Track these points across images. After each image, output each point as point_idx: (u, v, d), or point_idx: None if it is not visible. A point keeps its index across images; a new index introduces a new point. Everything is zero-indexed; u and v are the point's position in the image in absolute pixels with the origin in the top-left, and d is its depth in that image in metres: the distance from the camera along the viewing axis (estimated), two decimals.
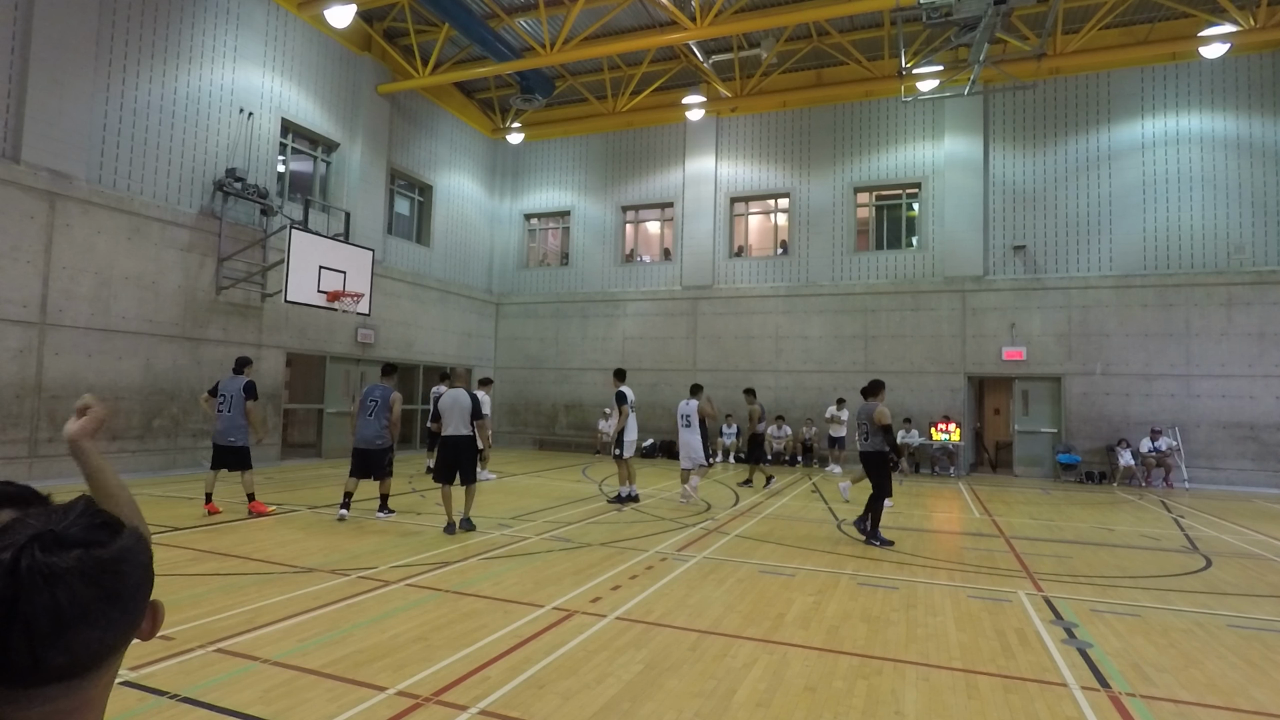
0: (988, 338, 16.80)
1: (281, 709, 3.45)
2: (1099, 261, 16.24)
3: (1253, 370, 14.91)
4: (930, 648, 4.62)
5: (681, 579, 6.24)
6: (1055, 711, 3.68)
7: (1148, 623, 5.32)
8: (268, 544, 7.09)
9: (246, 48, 14.12)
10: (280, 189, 15.23)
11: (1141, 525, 10.07)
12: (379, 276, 16.24)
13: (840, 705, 3.69)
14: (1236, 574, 7.08)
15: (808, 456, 17.44)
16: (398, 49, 17.70)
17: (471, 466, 8.15)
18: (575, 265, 21.36)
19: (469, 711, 3.48)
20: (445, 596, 5.46)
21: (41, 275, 10.71)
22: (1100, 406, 15.85)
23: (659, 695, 3.74)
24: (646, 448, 18.88)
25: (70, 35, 11.07)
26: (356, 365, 16.65)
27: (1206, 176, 15.63)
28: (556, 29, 16.55)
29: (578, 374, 20.74)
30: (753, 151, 19.46)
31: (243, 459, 8.70)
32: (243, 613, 4.89)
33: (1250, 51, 15.39)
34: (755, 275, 19.21)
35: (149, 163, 12.36)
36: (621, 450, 10.30)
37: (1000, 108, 17.21)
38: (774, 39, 17.13)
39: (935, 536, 8.83)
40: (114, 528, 0.74)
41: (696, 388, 11.26)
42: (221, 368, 13.38)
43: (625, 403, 10.19)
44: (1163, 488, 14.76)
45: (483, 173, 21.86)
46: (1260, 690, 4.07)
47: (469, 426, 8.06)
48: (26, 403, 10.51)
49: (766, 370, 18.58)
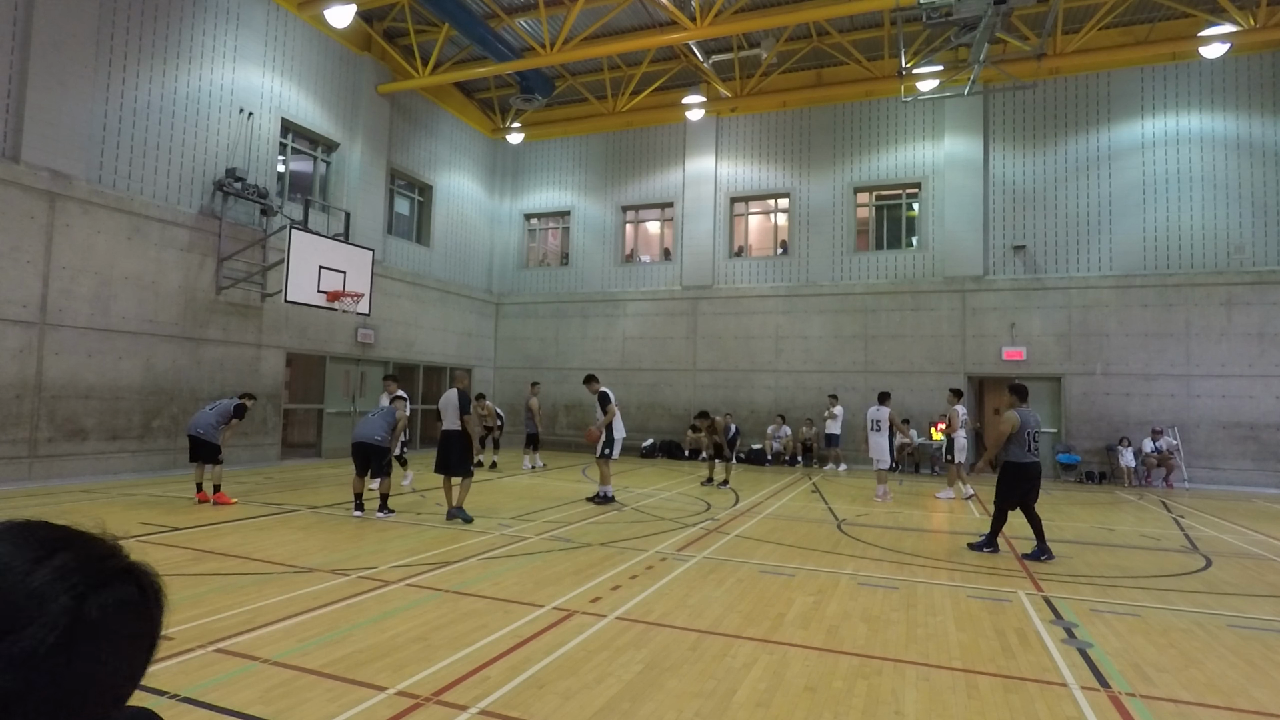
0: (988, 338, 16.80)
1: (281, 709, 3.45)
2: (1099, 261, 16.24)
3: (1253, 370, 14.90)
4: (930, 648, 4.62)
5: (681, 579, 6.23)
6: (1055, 711, 3.68)
7: (1148, 623, 5.32)
8: (268, 544, 7.09)
9: (246, 48, 14.12)
10: (280, 189, 15.23)
11: (1141, 525, 10.07)
12: (379, 276, 16.24)
13: (840, 705, 3.69)
14: (1236, 574, 7.08)
15: (808, 456, 17.44)
16: (398, 49, 17.70)
17: (462, 460, 8.63)
18: (575, 265, 21.36)
19: (469, 711, 3.48)
20: (445, 596, 5.46)
21: (41, 275, 10.71)
22: (1100, 406, 15.84)
23: (659, 695, 3.74)
24: (646, 447, 18.88)
25: (70, 35, 11.06)
26: (356, 365, 16.64)
27: (1206, 176, 15.63)
28: (556, 29, 16.55)
29: (578, 374, 20.67)
30: (753, 151, 19.46)
31: (212, 453, 9.13)
32: (243, 613, 4.89)
33: (1250, 51, 15.39)
34: (755, 275, 19.21)
35: (149, 163, 12.35)
36: (612, 450, 10.37)
37: (1000, 108, 17.21)
38: (774, 39, 17.13)
39: (935, 536, 8.82)
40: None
41: (885, 395, 11.98)
42: (221, 368, 13.41)
43: (610, 403, 10.26)
44: (1163, 488, 14.76)
45: (483, 173, 21.86)
46: (1260, 690, 4.07)
47: (458, 423, 8.63)
48: (26, 403, 10.50)
49: (766, 370, 18.58)
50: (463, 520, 8.49)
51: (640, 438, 19.02)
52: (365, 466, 8.75)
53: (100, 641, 0.58)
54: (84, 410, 11.23)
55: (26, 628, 0.55)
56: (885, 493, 11.67)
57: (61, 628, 0.56)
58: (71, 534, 0.63)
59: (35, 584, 0.57)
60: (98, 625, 0.58)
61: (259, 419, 13.91)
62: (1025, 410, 7.58)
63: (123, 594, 0.61)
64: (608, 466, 10.50)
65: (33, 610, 0.55)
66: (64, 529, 0.63)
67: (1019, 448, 7.44)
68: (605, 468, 10.48)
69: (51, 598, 0.56)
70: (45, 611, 0.56)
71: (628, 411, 19.02)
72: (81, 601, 0.57)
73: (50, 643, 0.55)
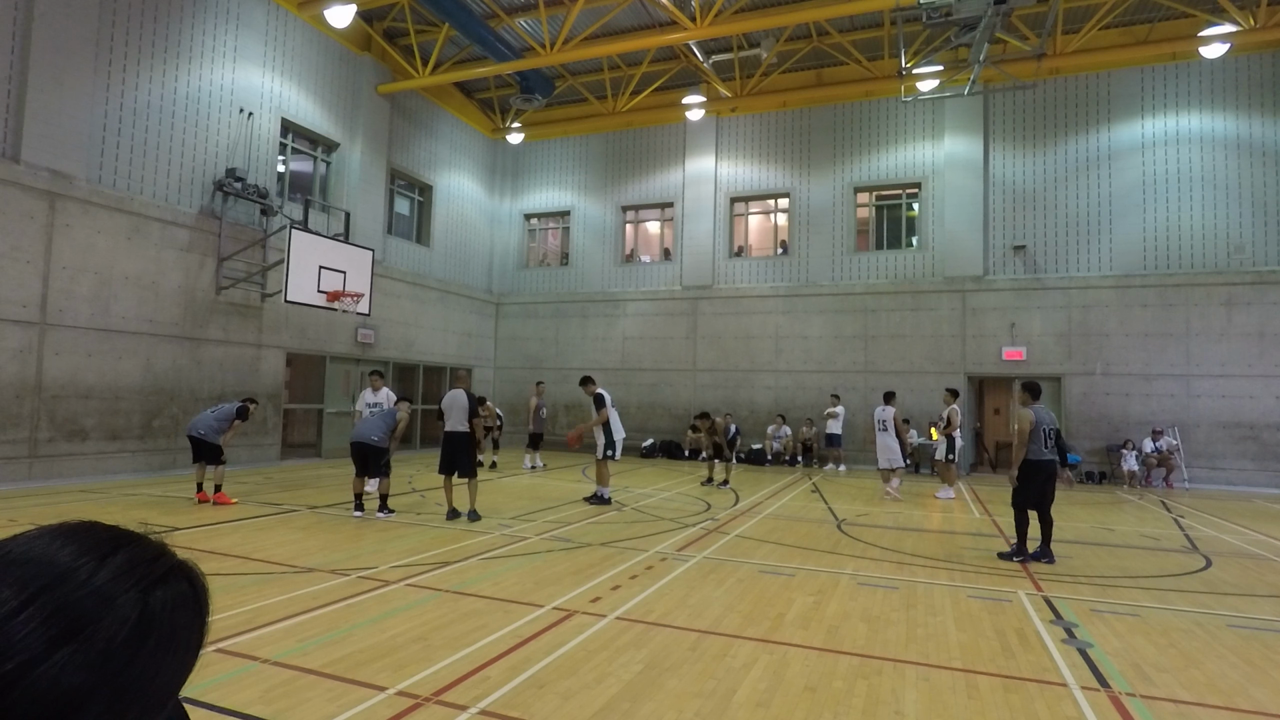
0: (988, 338, 16.80)
1: (281, 709, 3.45)
2: (1099, 261, 16.24)
3: (1253, 370, 14.90)
4: (930, 648, 4.62)
5: (681, 579, 6.23)
6: (1055, 711, 3.68)
7: (1148, 623, 5.32)
8: (268, 544, 7.09)
9: (246, 48, 14.12)
10: (280, 189, 15.23)
11: (1142, 525, 10.07)
12: (379, 276, 16.24)
13: (840, 705, 3.69)
14: (1236, 574, 7.08)
15: (808, 456, 17.44)
16: (398, 49, 17.70)
17: (468, 461, 8.68)
18: (575, 265, 21.35)
19: (469, 711, 3.48)
20: (445, 596, 5.46)
21: (41, 275, 10.71)
22: (1100, 406, 15.84)
23: (659, 695, 3.74)
24: (646, 447, 18.88)
25: (70, 35, 11.06)
26: (356, 365, 16.64)
27: (1206, 176, 15.63)
28: (556, 29, 16.55)
29: (577, 374, 20.64)
30: (753, 151, 19.46)
31: (214, 453, 9.16)
32: (243, 613, 4.89)
33: (1250, 51, 15.39)
34: (755, 275, 19.21)
35: (149, 163, 12.35)
36: (614, 452, 10.37)
37: (1000, 108, 17.21)
38: (774, 39, 17.13)
39: (935, 536, 8.82)
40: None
41: (890, 394, 12.11)
42: (221, 368, 13.41)
43: (604, 405, 10.25)
44: (1163, 488, 14.76)
45: (483, 173, 21.86)
46: (1260, 690, 4.07)
47: (466, 424, 8.61)
48: (26, 403, 10.50)
49: (766, 370, 18.58)
50: (470, 520, 8.53)
51: (640, 438, 19.02)
52: (365, 466, 8.76)
53: (162, 637, 0.59)
54: (84, 410, 11.23)
55: (98, 625, 0.56)
56: (896, 485, 11.92)
57: (131, 623, 0.57)
58: (125, 534, 0.64)
59: (100, 583, 0.58)
60: (161, 621, 0.59)
61: (259, 419, 13.90)
62: (1039, 407, 7.57)
63: (179, 590, 0.62)
64: (607, 468, 10.51)
65: (102, 608, 0.56)
66: (116, 529, 0.64)
67: (1035, 445, 7.42)
68: (605, 469, 10.49)
69: (118, 595, 0.57)
70: (115, 608, 0.57)
71: (628, 411, 19.03)
72: (146, 597, 0.59)
73: (121, 639, 0.56)
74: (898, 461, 11.87)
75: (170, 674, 0.61)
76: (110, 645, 0.55)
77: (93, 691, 0.54)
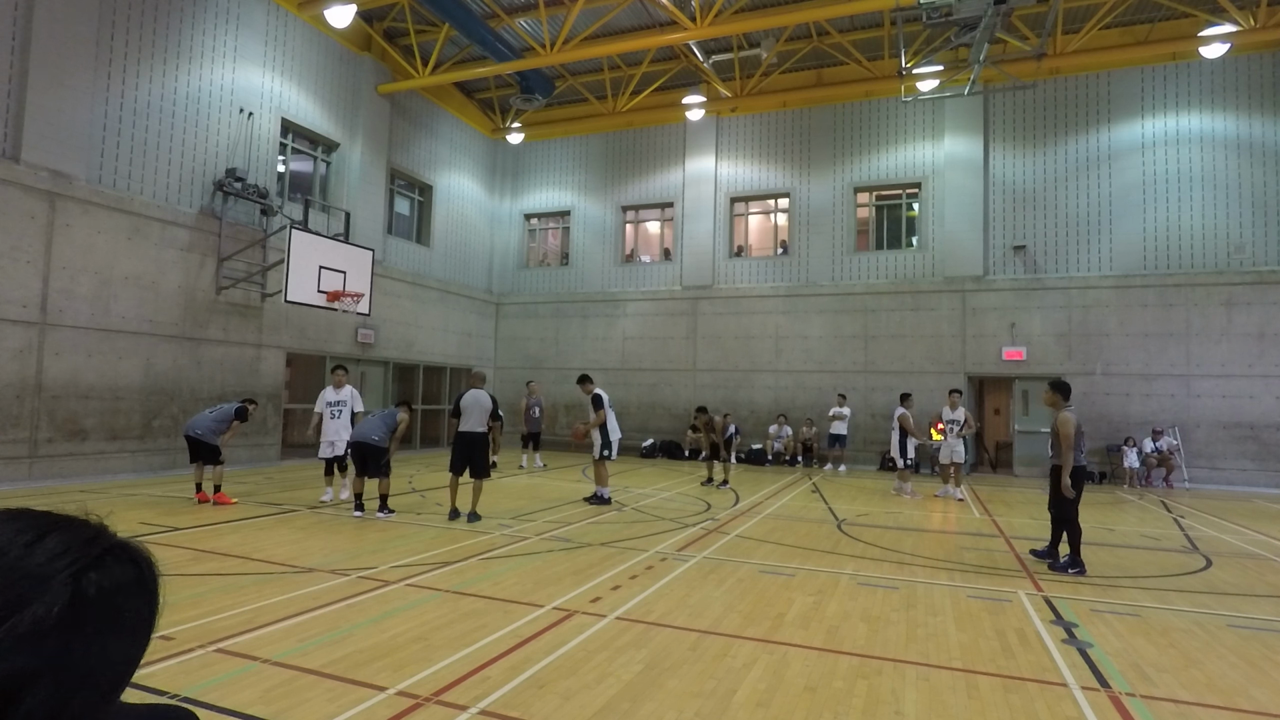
0: (988, 338, 16.80)
1: (281, 709, 3.45)
2: (1099, 261, 16.24)
3: (1253, 370, 14.90)
4: (930, 648, 4.62)
5: (681, 579, 6.23)
6: (1055, 711, 3.68)
7: (1148, 623, 5.32)
8: (268, 544, 7.09)
9: (246, 48, 14.12)
10: (280, 189, 15.23)
11: (1142, 525, 10.07)
12: (379, 276, 16.24)
13: (840, 705, 3.69)
14: (1236, 574, 7.08)
15: (808, 456, 17.44)
16: (398, 49, 17.70)
17: (484, 462, 8.76)
18: (575, 265, 21.35)
19: (469, 711, 3.48)
20: (445, 596, 5.46)
21: (41, 275, 10.71)
22: (1100, 406, 15.84)
23: (659, 695, 3.74)
24: (646, 448, 18.87)
25: (70, 35, 11.06)
26: (357, 365, 16.64)
27: (1206, 176, 15.63)
28: (556, 29, 16.55)
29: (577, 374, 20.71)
30: (753, 151, 19.46)
31: (212, 453, 9.15)
32: (243, 613, 4.89)
33: (1250, 51, 15.39)
34: (755, 275, 19.21)
35: (149, 163, 12.35)
36: (610, 452, 10.38)
37: (1000, 108, 17.21)
38: (774, 39, 17.13)
39: (935, 536, 8.82)
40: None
41: (905, 395, 12.39)
42: (221, 368, 13.41)
43: (602, 406, 10.25)
44: (1163, 488, 14.76)
45: (483, 173, 21.86)
46: (1260, 690, 4.07)
47: (485, 425, 8.71)
48: (26, 403, 10.50)
49: (766, 370, 18.58)
50: (470, 521, 8.53)
51: (640, 438, 19.02)
52: (364, 466, 8.76)
53: (103, 620, 0.60)
54: (84, 410, 11.23)
55: (28, 607, 0.56)
56: (903, 488, 12.13)
57: (62, 604, 0.57)
58: (59, 517, 0.65)
59: (32, 565, 0.58)
60: (97, 602, 0.59)
61: (259, 419, 13.90)
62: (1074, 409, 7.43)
63: (117, 572, 0.63)
64: (606, 468, 10.51)
65: (33, 590, 0.57)
66: (49, 514, 0.65)
67: (1079, 450, 7.11)
68: (603, 469, 10.49)
69: (49, 577, 0.58)
70: (46, 590, 0.57)
71: (628, 411, 19.04)
72: (79, 579, 0.59)
73: (53, 620, 0.56)
74: (898, 462, 11.87)
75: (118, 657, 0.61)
76: (40, 628, 0.55)
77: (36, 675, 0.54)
